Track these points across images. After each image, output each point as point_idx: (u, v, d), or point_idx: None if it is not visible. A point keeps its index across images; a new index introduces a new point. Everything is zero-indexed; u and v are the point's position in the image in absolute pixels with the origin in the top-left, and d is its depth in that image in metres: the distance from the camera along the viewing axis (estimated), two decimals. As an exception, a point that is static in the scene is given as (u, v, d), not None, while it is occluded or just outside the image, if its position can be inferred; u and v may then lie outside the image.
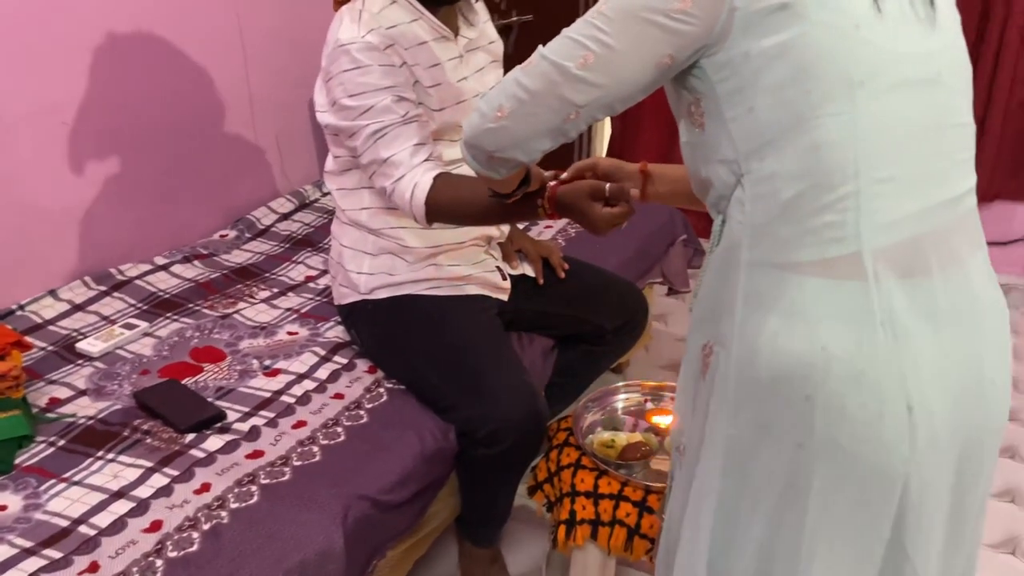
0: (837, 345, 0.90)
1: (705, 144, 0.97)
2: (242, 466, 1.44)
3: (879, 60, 0.89)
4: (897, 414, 0.91)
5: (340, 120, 1.56)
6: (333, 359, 1.75)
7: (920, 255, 0.92)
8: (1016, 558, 1.91)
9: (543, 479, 1.66)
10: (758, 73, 0.89)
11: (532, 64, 0.98)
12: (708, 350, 1.01)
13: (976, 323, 0.96)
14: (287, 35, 2.47)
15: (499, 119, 1.00)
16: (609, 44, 0.92)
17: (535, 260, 1.88)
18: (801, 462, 0.94)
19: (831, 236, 0.90)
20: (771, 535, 0.99)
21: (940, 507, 0.98)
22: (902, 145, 0.91)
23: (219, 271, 2.13)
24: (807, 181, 0.89)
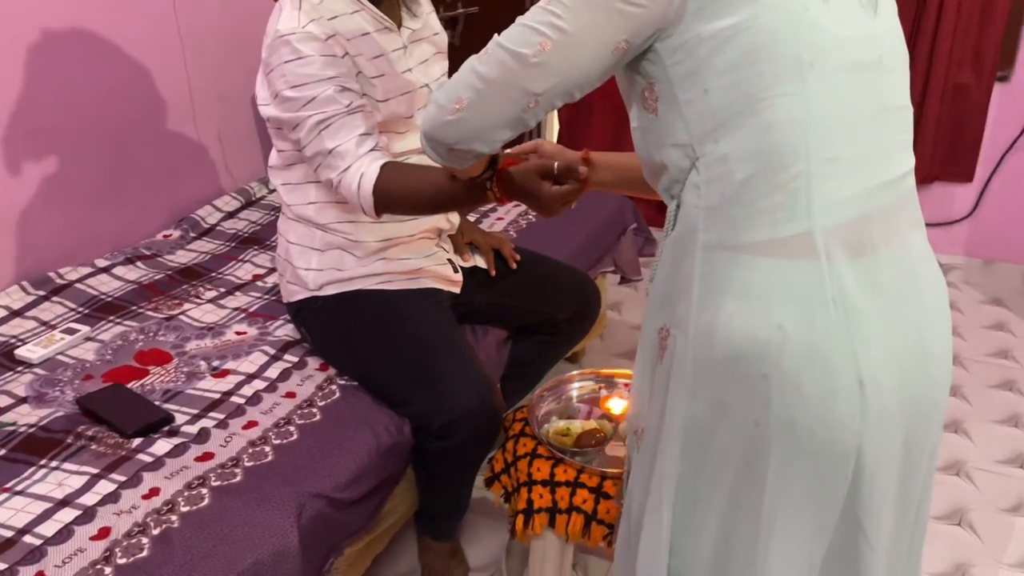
0: (791, 324, 0.92)
1: (658, 128, 0.97)
2: (192, 469, 1.41)
3: (827, 42, 0.90)
4: (849, 389, 0.93)
5: (283, 112, 1.53)
6: (283, 358, 1.72)
7: (866, 234, 0.94)
8: (962, 528, 1.97)
9: (500, 470, 1.66)
10: (712, 55, 0.90)
11: (488, 53, 0.97)
12: (664, 333, 1.02)
13: (919, 299, 0.99)
14: (226, 28, 2.42)
15: (457, 111, 1.00)
16: (565, 30, 0.92)
17: (487, 252, 1.88)
18: (758, 440, 0.95)
19: (783, 216, 0.91)
20: (730, 514, 1.01)
21: (890, 479, 1.00)
22: (848, 126, 0.93)
23: (163, 272, 2.08)
24: (760, 161, 0.91)
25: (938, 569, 1.86)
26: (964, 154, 2.91)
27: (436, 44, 1.74)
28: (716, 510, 1.01)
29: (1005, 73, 2.81)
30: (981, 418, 2.34)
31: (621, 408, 1.69)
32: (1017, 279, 3.03)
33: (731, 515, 1.01)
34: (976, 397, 2.43)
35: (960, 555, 1.90)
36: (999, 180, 2.93)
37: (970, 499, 2.06)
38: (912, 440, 1.01)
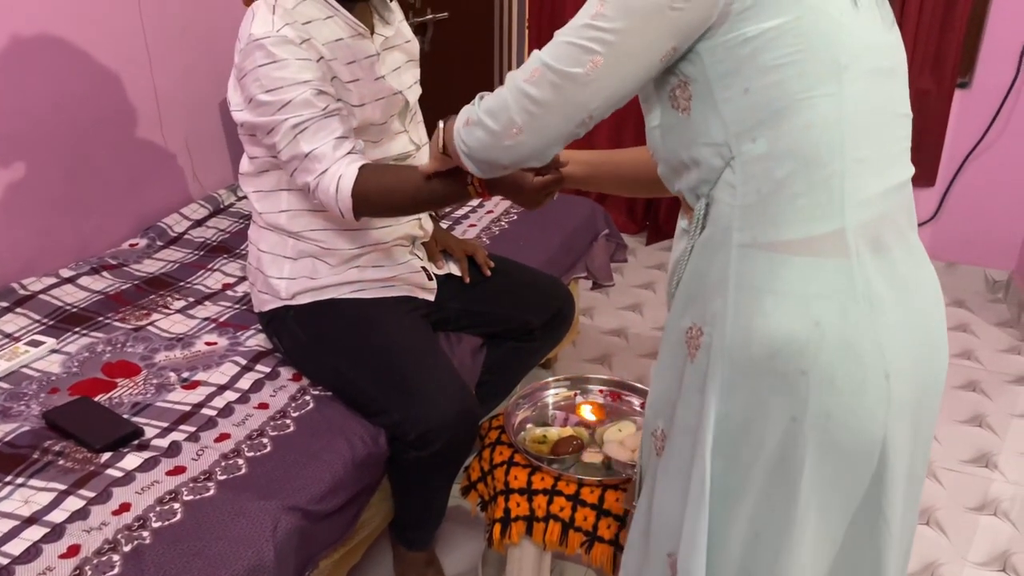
0: (827, 320, 0.95)
1: (689, 127, 0.98)
2: (163, 483, 1.39)
3: (858, 48, 0.94)
4: (877, 381, 0.97)
5: (257, 116, 1.51)
6: (255, 368, 1.70)
7: (884, 232, 0.98)
8: (930, 528, 2.00)
9: (476, 478, 1.65)
10: (755, 54, 0.92)
11: (538, 75, 0.98)
12: (695, 332, 1.03)
13: (924, 293, 1.04)
14: (194, 33, 2.39)
15: (516, 135, 1.01)
16: (616, 44, 0.94)
17: (460, 259, 1.87)
18: (794, 435, 0.98)
19: (819, 213, 0.94)
20: (762, 508, 1.03)
21: (902, 466, 1.05)
22: (873, 128, 0.96)
23: (130, 282, 2.04)
24: (799, 159, 0.93)
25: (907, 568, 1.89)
26: (926, 159, 2.96)
27: (408, 52, 1.73)
28: (748, 505, 1.04)
29: (965, 80, 2.88)
30: (946, 419, 2.39)
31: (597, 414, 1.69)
32: (979, 281, 3.10)
33: (763, 510, 1.03)
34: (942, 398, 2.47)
35: (928, 554, 1.93)
36: (960, 184, 3.00)
37: (937, 499, 2.09)
38: (919, 428, 1.06)
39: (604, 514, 1.48)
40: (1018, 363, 2.66)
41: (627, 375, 1.81)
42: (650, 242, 3.45)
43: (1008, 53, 2.78)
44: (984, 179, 2.96)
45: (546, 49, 0.98)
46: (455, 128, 1.12)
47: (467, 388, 1.62)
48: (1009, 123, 2.86)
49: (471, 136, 1.06)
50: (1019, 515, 2.03)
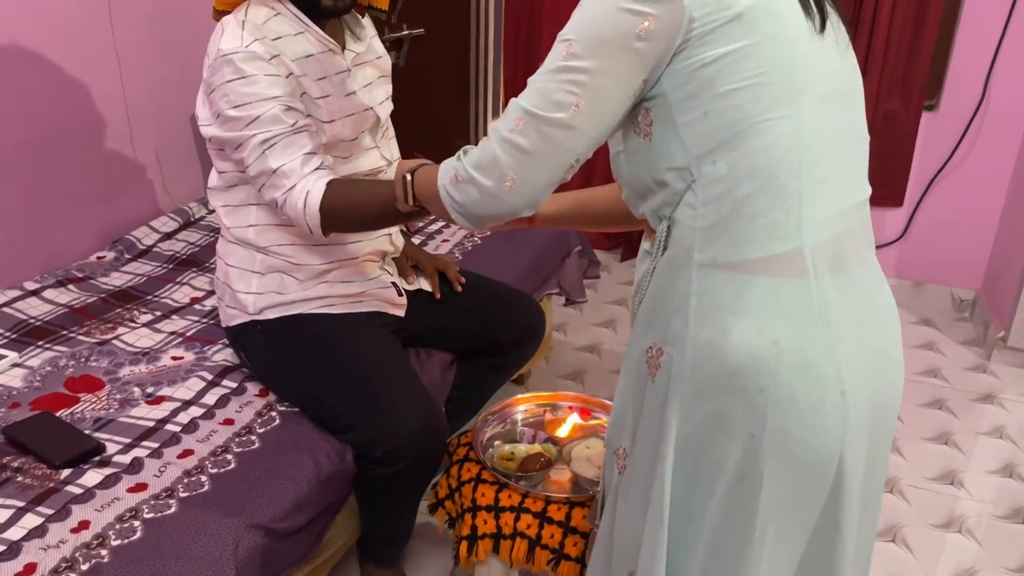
0: (786, 338, 0.96)
1: (651, 151, 1.00)
2: (123, 500, 1.37)
3: (815, 71, 0.96)
4: (834, 399, 0.99)
5: (225, 132, 1.51)
6: (222, 383, 1.68)
7: (842, 252, 0.99)
8: (896, 545, 2.02)
9: (444, 495, 1.64)
10: (714, 79, 0.93)
11: (522, 124, 0.98)
12: (655, 352, 1.04)
13: (881, 312, 1.06)
14: (165, 47, 2.38)
15: (509, 188, 1.01)
16: (592, 85, 0.95)
17: (431, 275, 1.87)
18: (753, 451, 0.99)
19: (777, 233, 0.95)
20: (722, 526, 1.04)
21: (858, 483, 1.06)
22: (830, 150, 0.98)
23: (96, 295, 2.02)
24: (759, 180, 0.95)
25: (873, 585, 1.90)
26: (894, 180, 3.01)
27: (380, 68, 1.74)
28: (707, 523, 1.04)
29: (932, 102, 2.93)
30: (913, 436, 2.41)
31: (565, 431, 1.69)
32: (946, 301, 3.14)
33: (723, 527, 1.04)
34: (908, 416, 2.50)
35: (895, 571, 1.94)
36: (928, 205, 3.04)
37: (904, 516, 2.11)
38: (875, 444, 1.07)
39: (571, 531, 1.48)
40: (983, 381, 2.69)
41: (600, 391, 1.81)
42: (624, 259, 3.46)
43: (974, 76, 2.83)
44: (951, 200, 3.01)
45: (525, 96, 0.99)
46: (441, 185, 1.09)
47: (435, 405, 1.62)
48: (975, 145, 2.91)
49: (462, 193, 1.05)
50: (985, 533, 2.05)
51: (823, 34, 0.98)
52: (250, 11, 1.52)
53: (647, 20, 0.91)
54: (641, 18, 0.91)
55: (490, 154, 1.01)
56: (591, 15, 0.95)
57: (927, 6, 2.77)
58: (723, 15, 0.91)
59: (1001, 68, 2.79)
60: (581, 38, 0.94)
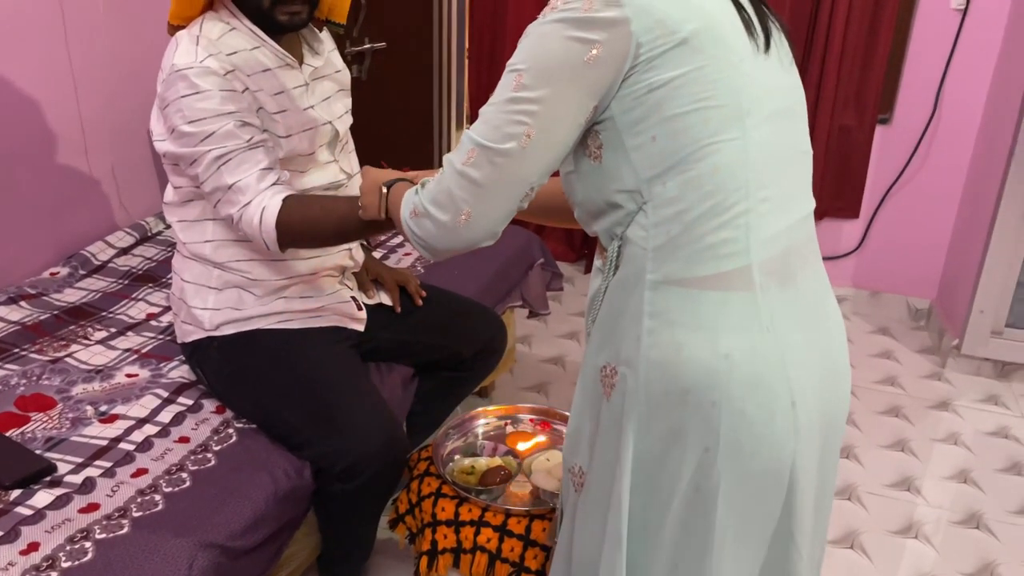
0: (736, 352, 0.98)
1: (602, 174, 1.01)
2: (75, 521, 1.34)
3: (758, 92, 0.98)
4: (785, 411, 1.00)
5: (180, 147, 1.49)
6: (177, 400, 1.66)
7: (788, 266, 1.01)
8: (854, 552, 2.05)
9: (404, 511, 1.63)
10: (661, 103, 0.94)
11: (475, 156, 0.98)
12: (609, 371, 1.05)
13: (827, 323, 1.08)
14: (121, 61, 2.35)
15: (465, 221, 1.01)
16: (543, 114, 0.95)
17: (392, 289, 1.87)
18: (707, 464, 1.00)
19: (727, 251, 0.97)
20: (680, 540, 1.05)
21: (810, 491, 1.07)
22: (775, 168, 1.00)
23: (49, 312, 1.98)
24: (708, 201, 0.96)
25: (831, 592, 1.92)
26: (850, 192, 3.07)
27: (339, 81, 1.73)
28: (666, 538, 1.05)
29: (885, 116, 2.99)
30: (870, 443, 2.45)
31: (525, 444, 1.69)
32: (902, 309, 3.20)
33: (681, 541, 1.05)
34: (866, 423, 2.55)
35: (853, 578, 1.97)
36: (883, 216, 3.10)
37: (861, 522, 2.14)
38: (825, 453, 1.09)
39: (531, 544, 1.47)
40: (939, 389, 2.75)
41: (564, 403, 1.81)
42: (588, 271, 3.48)
43: (925, 90, 2.91)
44: (905, 211, 3.07)
45: (476, 128, 0.99)
46: (402, 218, 1.09)
47: (395, 419, 1.61)
48: (928, 157, 2.98)
49: (421, 228, 1.05)
50: (942, 539, 2.09)
51: (768, 53, 1.00)
52: (205, 26, 1.51)
53: (595, 48, 0.92)
54: (589, 46, 0.92)
55: (445, 188, 1.01)
56: (539, 45, 0.95)
57: (879, 23, 2.84)
58: (669, 40, 0.92)
59: (951, 82, 2.87)
60: (530, 68, 0.95)
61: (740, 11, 0.98)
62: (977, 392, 2.73)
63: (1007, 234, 2.58)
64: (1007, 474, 2.34)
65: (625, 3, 0.92)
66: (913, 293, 3.18)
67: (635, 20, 0.92)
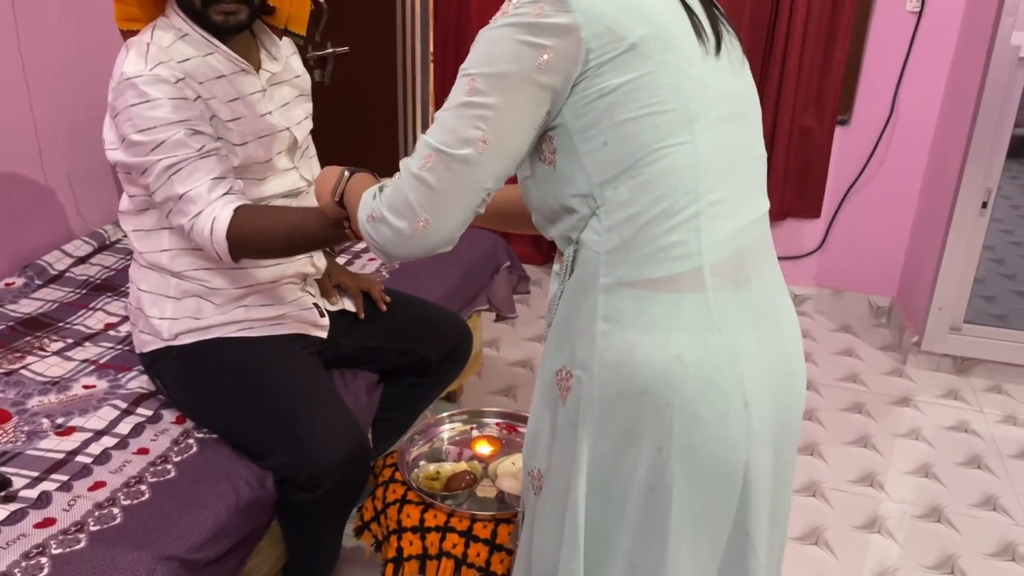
0: (689, 353, 0.98)
1: (556, 179, 1.01)
2: (30, 537, 1.31)
3: (708, 96, 0.98)
4: (738, 411, 1.01)
5: (131, 157, 1.47)
6: (136, 411, 1.63)
7: (741, 268, 1.02)
8: (819, 548, 2.07)
9: (370, 518, 1.62)
10: (611, 108, 0.95)
11: (432, 161, 0.98)
12: (565, 375, 1.05)
13: (782, 325, 1.09)
14: (76, 67, 2.31)
15: (423, 227, 1.00)
16: (497, 120, 0.95)
17: (355, 295, 1.85)
18: (661, 465, 1.01)
19: (678, 254, 0.98)
20: (637, 541, 1.05)
21: (765, 490, 1.08)
22: (726, 171, 1.01)
23: (4, 323, 1.94)
24: (659, 206, 0.97)
25: (796, 589, 1.94)
26: (811, 192, 3.11)
27: (298, 87, 1.72)
28: (623, 539, 1.05)
29: (844, 117, 3.04)
30: (834, 440, 2.48)
31: (490, 449, 1.69)
32: (863, 307, 3.25)
33: (638, 542, 1.05)
34: (829, 420, 2.58)
35: (819, 573, 1.99)
36: (844, 216, 3.15)
37: (826, 518, 2.17)
38: (780, 452, 1.10)
39: (497, 549, 1.47)
40: (900, 385, 2.79)
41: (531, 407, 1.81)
42: (555, 274, 3.48)
43: (882, 93, 2.96)
44: (865, 210, 3.12)
45: (433, 132, 0.99)
46: (360, 220, 1.07)
47: (358, 427, 1.60)
48: (886, 158, 3.04)
49: (378, 233, 1.04)
50: (906, 533, 2.12)
51: (718, 56, 1.01)
52: (156, 33, 1.49)
53: (546, 53, 0.93)
54: (540, 51, 0.93)
55: (402, 195, 1.01)
56: (491, 49, 0.95)
57: (837, 26, 2.88)
58: (618, 46, 0.93)
59: (908, 84, 2.92)
60: (482, 73, 0.95)
61: (691, 16, 0.99)
62: (937, 388, 2.78)
63: (963, 232, 2.63)
64: (967, 468, 2.38)
65: (575, 9, 0.92)
66: (874, 291, 3.23)
67: (584, 26, 0.92)
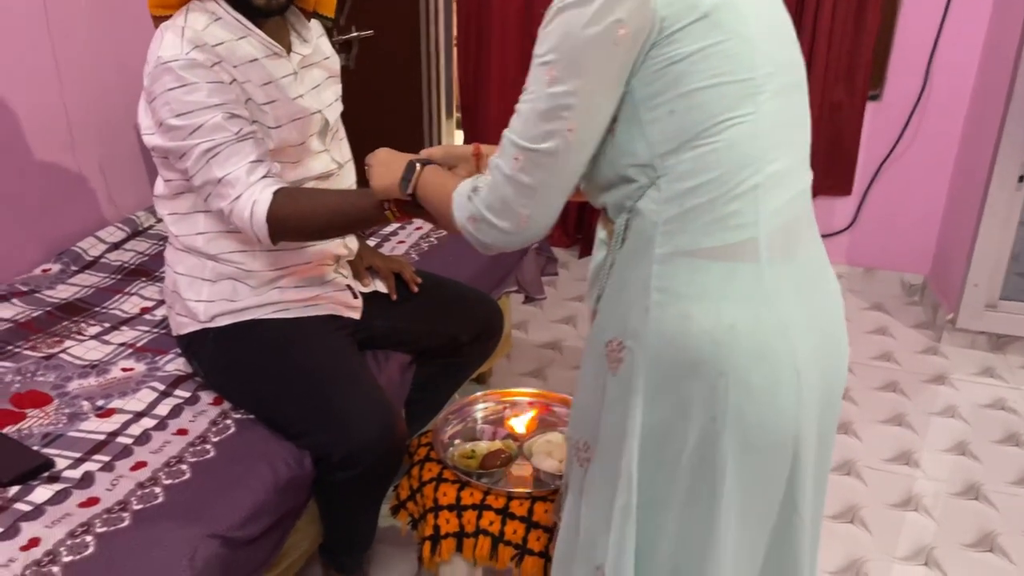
0: (742, 323, 0.99)
1: (614, 148, 1.01)
2: (75, 516, 1.33)
3: (771, 67, 0.98)
4: (789, 380, 1.01)
5: (168, 141, 1.48)
6: (174, 393, 1.65)
7: (790, 238, 1.02)
8: (855, 526, 2.05)
9: (406, 497, 1.63)
10: (680, 77, 0.95)
11: (523, 161, 0.99)
12: (616, 346, 1.05)
13: (826, 294, 1.09)
14: (106, 54, 2.33)
15: (527, 221, 1.02)
16: (581, 106, 0.96)
17: (387, 276, 1.86)
18: (713, 434, 1.01)
19: (736, 223, 0.98)
20: (687, 510, 1.06)
21: (812, 458, 1.08)
22: (784, 141, 1.01)
23: (41, 308, 1.97)
24: (722, 176, 0.97)
25: (833, 566, 1.93)
26: (842, 169, 3.07)
27: (328, 69, 1.72)
28: (674, 509, 1.06)
29: (876, 92, 2.99)
30: (868, 419, 2.46)
31: (524, 427, 1.69)
32: (896, 286, 3.21)
33: (688, 511, 1.06)
34: (863, 399, 2.55)
35: (854, 551, 1.98)
36: (875, 193, 3.11)
37: (861, 497, 2.15)
38: (824, 421, 1.10)
39: (533, 526, 1.48)
40: (934, 363, 2.76)
41: (561, 388, 1.81)
42: (583, 255, 3.48)
43: (915, 66, 2.90)
44: (897, 187, 3.07)
45: (515, 129, 1.00)
46: (458, 219, 1.08)
47: (393, 407, 1.60)
48: (918, 133, 2.98)
49: (483, 234, 1.06)
50: (941, 511, 2.10)
51: (777, 27, 1.01)
52: (189, 17, 1.50)
53: (622, 28, 0.93)
54: (616, 26, 0.92)
55: (499, 196, 1.02)
56: (567, 33, 0.94)
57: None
58: (690, 14, 0.93)
59: (941, 58, 2.86)
60: (561, 59, 0.95)
61: None
62: (973, 365, 2.74)
63: (999, 207, 2.58)
64: (1004, 445, 2.35)
65: None
66: (907, 269, 3.18)
67: None
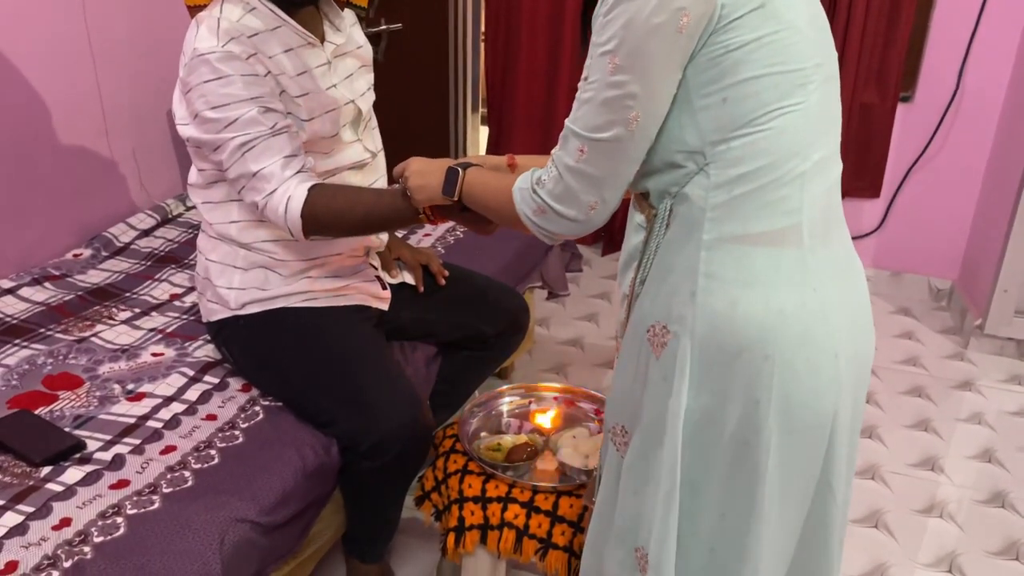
0: (789, 308, 1.00)
1: (664, 134, 1.01)
2: (105, 497, 1.35)
3: (817, 58, 1.00)
4: (830, 363, 1.03)
5: (203, 133, 1.49)
6: (203, 379, 1.66)
7: (826, 224, 1.04)
8: (879, 531, 2.04)
9: (430, 488, 1.64)
10: (735, 66, 0.96)
11: (587, 151, 1.00)
12: (660, 330, 1.06)
13: (855, 280, 1.11)
14: (141, 41, 2.35)
15: (595, 208, 1.04)
16: (644, 95, 0.97)
17: (415, 268, 1.86)
18: (757, 418, 1.02)
19: (783, 209, 0.99)
20: (727, 493, 1.07)
21: (846, 439, 1.10)
22: (825, 131, 1.03)
23: (73, 292, 1.99)
24: (771, 164, 0.98)
25: (857, 570, 1.92)
26: (871, 171, 3.04)
27: (360, 57, 1.72)
28: (713, 491, 1.07)
29: (907, 93, 2.96)
30: (893, 423, 2.44)
31: (550, 422, 1.69)
32: (923, 290, 3.18)
33: (728, 492, 1.07)
34: (888, 403, 2.53)
35: (878, 556, 1.96)
36: (904, 196, 3.07)
37: (885, 502, 2.13)
38: (856, 402, 1.12)
39: (558, 520, 1.48)
40: (961, 369, 2.73)
41: (583, 385, 1.81)
42: (605, 253, 3.47)
43: (948, 68, 2.87)
44: (927, 190, 3.04)
45: (578, 120, 1.00)
46: (522, 213, 1.10)
47: (419, 398, 1.61)
48: (949, 136, 2.95)
49: (551, 224, 1.08)
50: (965, 517, 2.08)
51: (815, 18, 1.02)
52: (225, 7, 1.50)
53: (684, 16, 0.93)
54: (679, 14, 0.93)
55: (565, 187, 1.04)
56: (630, 20, 0.94)
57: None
58: (748, 3, 0.94)
59: (974, 61, 2.83)
60: (623, 49, 0.95)
61: None
62: (1000, 372, 2.71)
63: (1032, 212, 2.55)
64: (1032, 453, 2.33)
65: None
66: (935, 273, 3.15)
67: None
